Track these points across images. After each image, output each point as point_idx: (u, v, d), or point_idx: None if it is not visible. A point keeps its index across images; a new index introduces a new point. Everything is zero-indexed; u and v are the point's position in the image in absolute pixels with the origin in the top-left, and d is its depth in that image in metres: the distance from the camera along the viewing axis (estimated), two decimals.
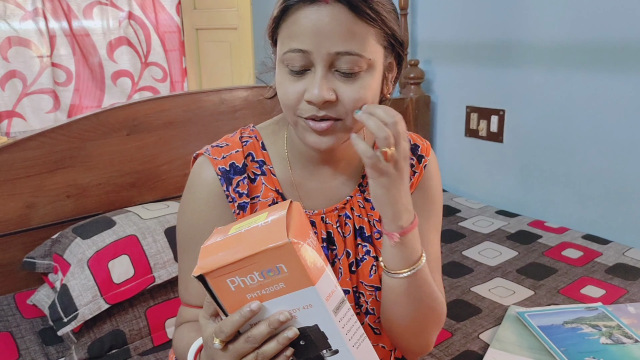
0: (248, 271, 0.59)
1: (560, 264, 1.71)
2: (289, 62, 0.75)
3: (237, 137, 0.90)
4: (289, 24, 0.75)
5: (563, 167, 2.09)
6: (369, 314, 0.89)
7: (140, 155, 1.72)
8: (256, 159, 0.88)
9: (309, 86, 0.75)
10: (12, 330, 1.38)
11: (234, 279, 0.60)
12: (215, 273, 0.60)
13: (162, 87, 2.41)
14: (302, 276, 0.59)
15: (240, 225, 0.65)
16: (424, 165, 0.94)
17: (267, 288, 0.60)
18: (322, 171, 0.90)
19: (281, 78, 0.78)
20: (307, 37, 0.73)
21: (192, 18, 2.36)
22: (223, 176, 0.85)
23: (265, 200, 0.86)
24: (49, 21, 2.13)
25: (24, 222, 1.56)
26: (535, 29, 2.08)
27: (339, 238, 0.89)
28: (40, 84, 2.14)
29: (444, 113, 2.52)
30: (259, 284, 0.60)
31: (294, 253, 0.58)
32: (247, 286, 0.60)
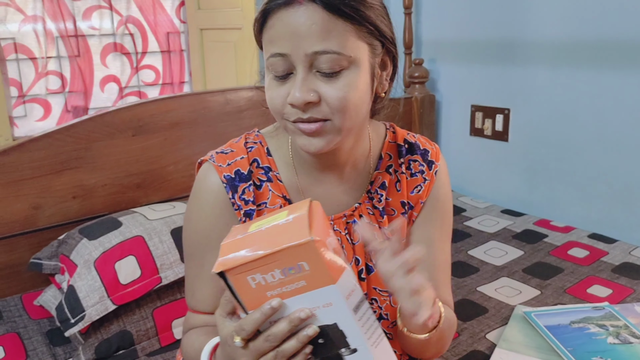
0: (269, 269, 0.59)
1: (567, 264, 1.71)
2: (272, 68, 0.75)
3: (242, 142, 0.89)
4: (268, 29, 0.75)
5: (569, 165, 2.08)
6: (383, 319, 0.88)
7: (146, 156, 1.72)
8: (262, 165, 0.87)
9: (291, 89, 0.74)
10: (19, 331, 1.39)
11: (255, 277, 0.60)
12: (236, 270, 0.60)
13: (151, 89, 2.41)
14: (323, 274, 0.59)
15: (260, 223, 0.65)
16: (434, 172, 0.93)
17: (287, 286, 0.60)
18: (328, 177, 0.89)
19: (268, 83, 0.78)
20: (284, 40, 0.73)
21: (196, 18, 2.36)
22: (228, 184, 0.84)
23: (272, 207, 0.85)
24: (48, 24, 2.14)
25: (31, 223, 1.56)
26: (540, 27, 2.07)
27: (347, 245, 0.88)
28: (35, 92, 2.15)
29: (448, 112, 2.51)
30: (279, 281, 0.60)
31: (316, 251, 0.58)
32: (267, 284, 0.60)
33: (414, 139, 0.95)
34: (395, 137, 0.95)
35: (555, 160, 2.12)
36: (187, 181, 1.80)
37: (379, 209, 0.90)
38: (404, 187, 0.92)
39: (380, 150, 0.93)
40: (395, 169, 0.93)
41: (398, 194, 0.92)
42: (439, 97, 2.53)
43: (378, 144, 0.94)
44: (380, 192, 0.91)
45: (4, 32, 2.10)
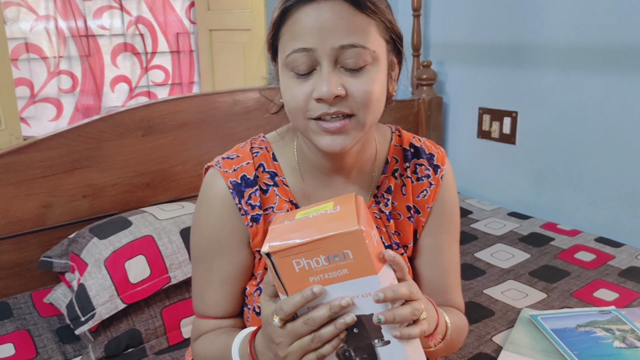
0: (315, 254, 0.61)
1: (573, 267, 1.71)
2: (294, 65, 0.75)
3: (248, 147, 0.89)
4: (290, 26, 0.74)
5: (576, 169, 2.08)
6: None
7: (155, 156, 1.73)
8: (267, 169, 0.88)
9: (316, 84, 0.74)
10: (29, 329, 1.40)
11: (300, 261, 0.62)
12: (283, 253, 0.62)
13: (160, 89, 2.43)
14: (366, 264, 0.61)
15: (306, 212, 0.68)
16: (440, 176, 0.93)
17: (330, 273, 0.62)
18: (335, 181, 0.89)
19: (287, 83, 0.77)
20: (310, 35, 0.73)
21: (205, 19, 2.37)
22: (235, 189, 0.84)
23: (280, 211, 0.86)
24: (59, 24, 2.15)
25: (41, 222, 1.58)
26: (548, 30, 2.07)
27: None
28: (47, 92, 2.17)
29: (456, 114, 2.52)
30: (323, 268, 0.62)
31: (362, 240, 0.60)
32: (311, 269, 0.62)
33: (419, 142, 0.95)
34: (401, 140, 0.95)
35: (563, 163, 2.12)
36: (195, 181, 1.81)
37: (385, 213, 0.90)
38: (410, 192, 0.92)
39: (387, 154, 0.93)
40: (401, 173, 0.93)
41: (404, 198, 0.92)
42: (447, 99, 2.53)
43: (384, 147, 0.94)
44: (387, 196, 0.91)
45: (16, 32, 2.12)
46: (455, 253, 0.96)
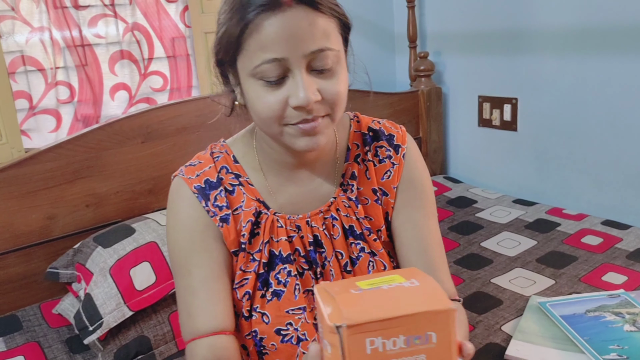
0: (394, 333, 0.52)
1: (580, 252, 1.70)
2: (263, 75, 0.74)
3: (208, 153, 0.91)
4: (254, 37, 0.73)
5: (579, 153, 2.07)
6: None
7: (156, 162, 1.74)
8: (231, 171, 0.89)
9: (292, 92, 0.74)
10: (39, 340, 1.41)
11: (375, 340, 0.52)
12: (360, 328, 0.51)
13: (160, 95, 2.42)
14: (447, 352, 0.53)
15: (371, 282, 0.58)
16: (402, 155, 0.93)
17: (406, 358, 0.53)
18: (299, 175, 0.90)
19: (257, 92, 0.76)
20: (280, 44, 0.72)
21: (200, 22, 2.37)
22: (200, 193, 0.85)
23: (248, 209, 0.86)
24: (54, 35, 2.15)
25: (46, 233, 1.58)
26: (545, 15, 2.06)
27: (327, 240, 0.89)
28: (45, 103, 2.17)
29: (456, 104, 2.50)
30: (399, 351, 0.52)
31: (451, 323, 0.52)
32: (385, 351, 0.52)
33: (378, 125, 0.95)
34: (360, 125, 0.96)
35: (566, 148, 2.11)
36: None
37: (353, 200, 0.91)
38: (373, 175, 0.93)
39: (347, 141, 0.94)
40: (363, 158, 0.93)
41: (368, 182, 0.92)
42: (446, 89, 2.52)
43: (344, 135, 0.94)
44: (352, 182, 0.92)
45: (12, 45, 2.12)
46: (433, 229, 0.93)
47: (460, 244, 1.84)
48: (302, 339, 0.84)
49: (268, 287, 0.86)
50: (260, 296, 0.85)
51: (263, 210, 0.86)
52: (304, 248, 0.87)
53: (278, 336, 0.84)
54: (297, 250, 0.87)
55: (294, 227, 0.87)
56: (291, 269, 0.86)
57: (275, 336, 0.84)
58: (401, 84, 2.63)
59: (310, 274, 0.87)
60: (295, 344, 0.85)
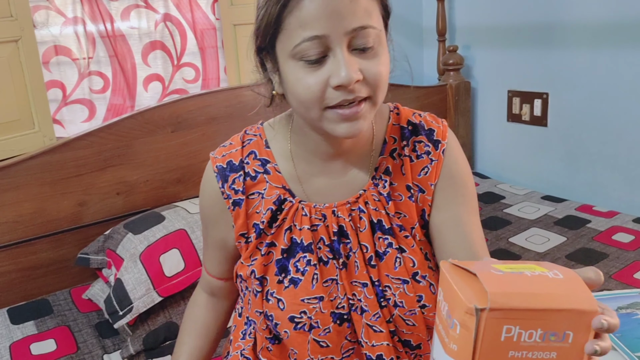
0: (533, 325, 0.49)
1: (611, 249, 1.67)
2: (303, 54, 0.72)
3: (241, 135, 0.91)
4: (294, 15, 0.71)
5: (611, 149, 2.03)
6: (398, 306, 0.86)
7: (185, 151, 1.75)
8: (259, 157, 0.88)
9: (333, 71, 0.72)
10: (69, 324, 1.44)
11: (512, 328, 0.49)
12: (503, 313, 0.49)
13: (192, 87, 2.44)
14: (579, 354, 0.50)
15: (509, 266, 0.54)
16: (442, 151, 0.89)
17: (537, 352, 0.50)
18: (331, 166, 0.87)
19: (296, 74, 0.73)
20: (321, 21, 0.70)
21: (229, 14, 2.38)
22: (219, 173, 0.87)
23: (269, 197, 0.85)
24: (88, 26, 2.19)
25: (77, 220, 1.61)
26: (577, 8, 2.02)
27: (352, 232, 0.86)
28: (78, 93, 2.21)
29: (484, 98, 2.48)
30: (533, 344, 0.49)
31: (590, 325, 0.49)
32: (518, 342, 0.49)
33: (419, 118, 0.91)
34: (399, 118, 0.92)
35: (597, 144, 2.07)
36: None
37: (384, 195, 0.87)
38: (409, 170, 0.89)
39: (384, 134, 0.90)
40: (400, 153, 0.89)
41: (403, 177, 0.89)
42: (475, 83, 2.49)
43: (382, 127, 0.90)
44: (385, 177, 0.88)
45: (46, 35, 2.16)
46: (476, 224, 0.90)
47: (488, 240, 1.82)
48: (314, 326, 0.84)
49: (286, 274, 0.85)
50: (277, 282, 0.85)
51: (288, 197, 0.85)
52: (329, 237, 0.86)
53: (291, 323, 0.84)
54: (322, 239, 0.86)
55: (320, 215, 0.86)
56: (311, 258, 0.85)
57: (289, 323, 0.84)
58: (429, 77, 2.61)
59: (335, 264, 0.86)
60: (307, 330, 0.84)
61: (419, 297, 0.86)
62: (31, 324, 1.43)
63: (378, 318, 0.85)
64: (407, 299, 0.85)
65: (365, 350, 0.86)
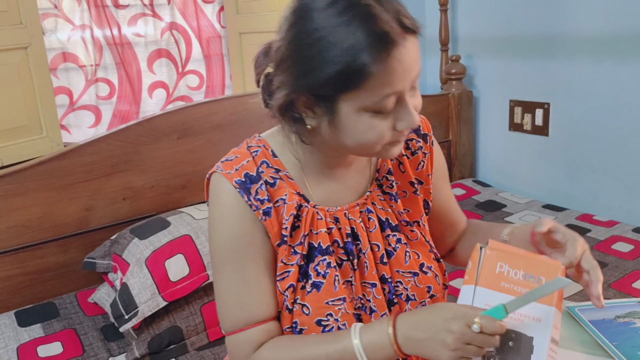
0: (518, 266, 0.76)
1: (611, 258, 1.69)
2: (380, 108, 0.75)
3: (245, 147, 0.90)
4: (377, 76, 0.72)
5: (612, 159, 2.05)
6: (410, 300, 0.91)
7: (190, 158, 1.78)
8: (271, 165, 0.89)
9: (401, 117, 0.77)
10: (75, 327, 1.46)
11: (503, 265, 0.76)
12: (497, 252, 0.77)
13: (196, 94, 2.47)
14: (550, 294, 0.72)
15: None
16: (431, 143, 0.98)
17: (519, 287, 0.75)
18: (338, 173, 0.91)
19: (366, 124, 0.76)
20: (401, 79, 0.74)
21: (235, 23, 2.41)
22: (241, 188, 0.84)
23: (291, 202, 0.87)
24: (95, 33, 2.22)
25: (84, 224, 1.63)
26: (579, 19, 2.05)
27: (363, 233, 0.91)
28: (85, 99, 2.24)
29: (487, 107, 2.50)
30: (517, 280, 0.75)
31: (558, 274, 0.74)
32: (507, 275, 0.76)
33: None
34: None
35: (598, 154, 2.09)
36: None
37: (389, 194, 0.94)
38: (408, 168, 0.96)
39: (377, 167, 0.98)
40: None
41: (404, 175, 0.96)
42: (477, 92, 2.52)
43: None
44: (390, 178, 0.95)
45: (54, 42, 2.19)
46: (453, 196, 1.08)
47: None
48: (342, 328, 0.86)
49: (307, 279, 0.87)
50: (300, 288, 0.87)
51: (303, 203, 0.88)
52: (342, 240, 0.89)
53: (319, 327, 0.86)
54: (336, 242, 0.89)
55: (333, 219, 0.89)
56: (330, 260, 0.87)
57: (316, 327, 0.86)
58: (431, 86, 2.64)
59: (349, 265, 0.89)
60: None
61: (428, 288, 0.92)
62: (38, 327, 1.45)
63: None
64: (418, 291, 0.92)
65: None
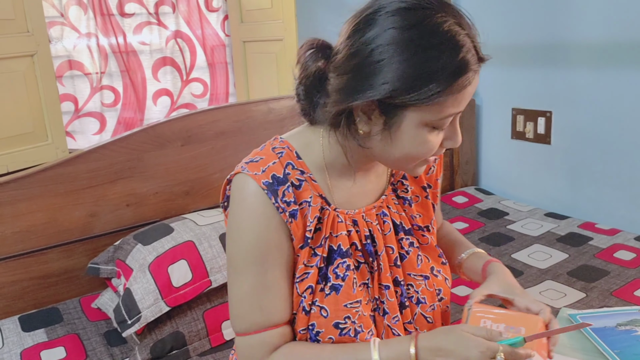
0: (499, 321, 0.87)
1: (613, 266, 1.69)
2: (440, 124, 0.80)
3: (269, 149, 0.90)
4: (451, 99, 0.77)
5: (614, 167, 2.05)
6: (420, 303, 0.92)
7: (194, 165, 1.79)
8: (296, 167, 0.89)
9: (450, 136, 0.83)
10: (79, 332, 1.47)
11: (487, 321, 0.87)
12: (481, 311, 0.89)
13: (200, 101, 2.50)
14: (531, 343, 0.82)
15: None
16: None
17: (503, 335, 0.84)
18: (358, 176, 0.94)
19: (423, 137, 0.80)
20: (467, 101, 0.80)
21: (239, 31, 2.43)
22: (269, 189, 0.84)
23: (315, 205, 0.88)
24: (101, 41, 2.25)
25: (87, 230, 1.65)
26: (581, 28, 2.06)
27: (379, 235, 0.92)
28: (90, 107, 2.27)
29: (489, 116, 2.51)
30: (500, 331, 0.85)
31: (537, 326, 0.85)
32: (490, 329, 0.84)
33: None
34: None
35: (600, 162, 2.10)
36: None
37: (403, 198, 0.97)
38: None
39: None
40: None
41: (417, 180, 0.99)
42: (479, 101, 2.53)
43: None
44: (405, 182, 0.98)
45: (60, 50, 2.22)
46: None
47: (491, 254, 1.84)
48: (359, 331, 0.87)
49: (326, 282, 0.88)
50: (319, 290, 0.88)
51: (325, 206, 0.89)
52: (360, 242, 0.91)
53: (336, 330, 0.86)
54: (354, 244, 0.90)
55: (351, 221, 0.91)
56: (350, 263, 0.88)
57: (334, 330, 0.86)
58: None
59: (366, 267, 0.91)
60: (353, 336, 0.87)
61: (438, 291, 0.95)
62: (41, 332, 1.46)
63: (397, 321, 0.91)
64: (429, 294, 0.94)
65: None
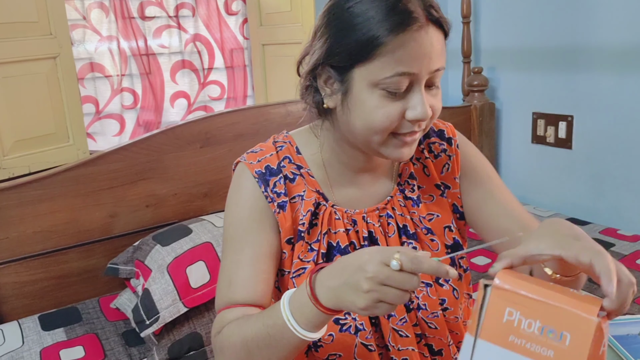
0: (533, 315, 0.54)
1: (635, 273, 1.66)
2: (390, 86, 0.77)
3: (271, 142, 0.94)
4: (395, 49, 0.75)
5: (636, 173, 2.02)
6: (421, 309, 0.90)
7: (213, 167, 1.80)
8: (293, 161, 0.92)
9: (411, 105, 0.78)
10: (97, 332, 1.48)
11: (514, 312, 0.55)
12: (506, 294, 0.55)
13: (217, 104, 2.52)
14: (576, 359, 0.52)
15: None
16: (456, 146, 0.97)
17: (533, 344, 0.54)
18: (361, 178, 0.93)
19: (374, 102, 0.78)
20: (416, 60, 0.76)
21: (258, 34, 2.45)
22: (260, 178, 0.88)
23: (309, 199, 0.89)
24: (121, 44, 2.27)
25: (107, 231, 1.66)
26: (603, 32, 2.03)
27: (381, 237, 0.91)
28: (111, 108, 2.29)
29: (509, 120, 2.49)
30: (530, 334, 0.54)
31: (590, 333, 0.52)
32: (518, 327, 0.55)
33: None
34: None
35: (622, 167, 2.06)
36: None
37: (411, 199, 0.94)
38: (433, 171, 0.96)
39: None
40: (418, 157, 0.96)
41: (429, 178, 0.96)
42: (499, 104, 2.51)
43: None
44: (412, 182, 0.95)
45: (82, 53, 2.24)
46: (511, 195, 0.96)
47: None
48: (359, 328, 0.87)
49: None
50: None
51: (322, 201, 0.89)
52: (359, 242, 0.90)
53: (337, 325, 0.87)
54: (353, 244, 0.90)
55: (350, 221, 0.90)
56: None
57: (334, 325, 0.87)
58: (453, 98, 2.63)
59: None
60: (353, 333, 0.87)
61: (441, 301, 0.91)
62: (61, 331, 1.47)
63: (404, 323, 0.89)
64: (430, 302, 0.91)
65: (392, 355, 0.89)
